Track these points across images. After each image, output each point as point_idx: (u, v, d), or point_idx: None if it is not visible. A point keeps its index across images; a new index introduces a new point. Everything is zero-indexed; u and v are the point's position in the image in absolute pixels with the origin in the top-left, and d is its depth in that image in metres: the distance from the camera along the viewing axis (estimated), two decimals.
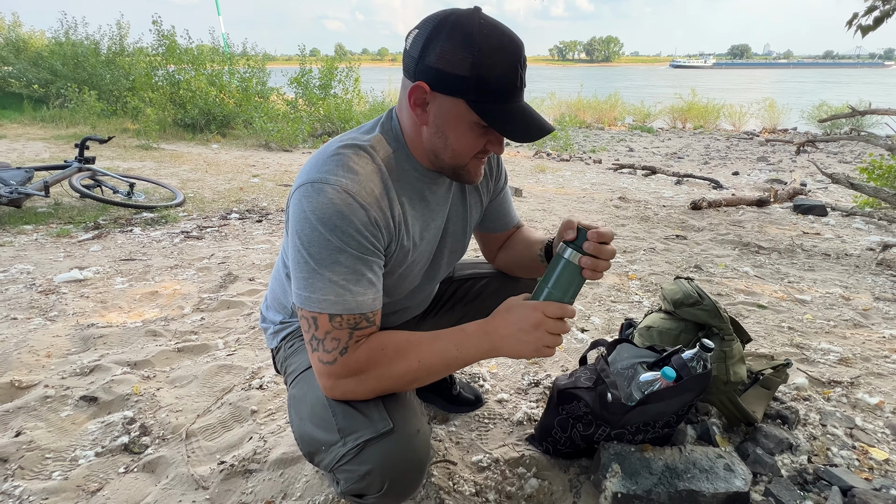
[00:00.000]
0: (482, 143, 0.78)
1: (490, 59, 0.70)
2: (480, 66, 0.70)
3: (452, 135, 0.76)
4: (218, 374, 1.55)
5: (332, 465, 0.75)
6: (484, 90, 0.71)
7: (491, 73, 0.70)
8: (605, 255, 0.74)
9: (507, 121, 0.73)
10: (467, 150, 0.78)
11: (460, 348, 0.75)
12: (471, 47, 0.69)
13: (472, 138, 0.76)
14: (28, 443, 1.21)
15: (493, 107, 0.72)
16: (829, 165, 7.27)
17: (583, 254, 0.74)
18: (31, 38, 10.91)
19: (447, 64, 0.70)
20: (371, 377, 0.74)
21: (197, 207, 3.72)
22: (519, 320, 0.73)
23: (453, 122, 0.75)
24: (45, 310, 1.98)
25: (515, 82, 0.72)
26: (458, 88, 0.71)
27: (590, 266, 0.74)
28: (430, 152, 0.80)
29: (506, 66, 0.71)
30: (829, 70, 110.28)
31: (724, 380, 1.25)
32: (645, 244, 3.13)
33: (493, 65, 0.70)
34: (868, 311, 2.19)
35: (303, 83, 8.97)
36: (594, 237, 0.74)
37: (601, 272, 0.75)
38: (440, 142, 0.78)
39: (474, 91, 0.71)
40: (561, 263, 0.76)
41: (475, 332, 0.75)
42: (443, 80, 0.72)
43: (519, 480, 1.14)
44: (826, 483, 1.12)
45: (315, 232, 0.72)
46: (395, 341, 0.75)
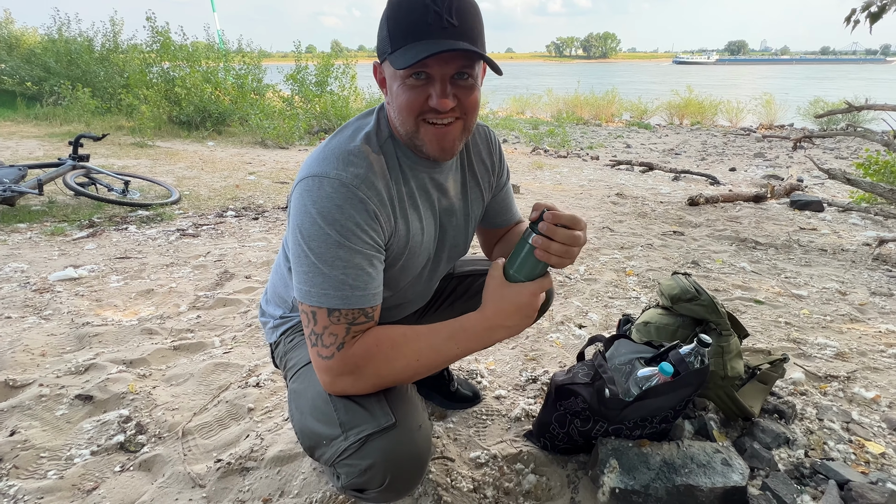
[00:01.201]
0: (421, 98, 0.72)
1: (398, 6, 0.70)
2: (390, 17, 0.71)
3: (393, 97, 0.75)
4: (214, 372, 1.54)
5: (333, 459, 0.75)
6: (395, 38, 0.70)
7: (398, 17, 0.70)
8: (557, 237, 0.71)
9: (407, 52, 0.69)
10: (407, 108, 0.74)
11: (461, 346, 0.75)
12: (386, 7, 0.71)
13: (406, 92, 0.72)
14: (23, 442, 1.20)
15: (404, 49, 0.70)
16: (825, 161, 7.29)
17: (537, 234, 0.73)
18: (24, 35, 10.81)
19: (378, 33, 0.73)
20: (369, 373, 0.74)
21: (193, 205, 3.70)
22: (523, 308, 0.73)
23: (392, 84, 0.75)
24: (40, 308, 1.96)
25: (426, 18, 0.68)
26: (384, 50, 0.73)
27: (540, 245, 0.71)
28: (396, 130, 0.80)
29: (412, 7, 0.69)
30: (832, 66, 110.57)
31: (721, 375, 1.25)
32: (642, 240, 3.13)
33: (400, 9, 0.70)
34: (864, 305, 2.19)
35: (299, 80, 8.92)
36: (549, 218, 0.72)
37: (555, 255, 0.71)
38: (394, 112, 0.77)
39: (389, 42, 0.71)
40: (521, 244, 0.75)
41: (477, 329, 0.75)
42: (379, 49, 0.74)
43: (517, 476, 1.14)
44: (823, 477, 1.12)
45: (315, 226, 0.71)
46: (392, 336, 0.75)
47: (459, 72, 0.72)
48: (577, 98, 14.72)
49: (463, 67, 0.71)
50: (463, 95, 0.73)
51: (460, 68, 0.71)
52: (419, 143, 0.77)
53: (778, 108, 13.01)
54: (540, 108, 14.90)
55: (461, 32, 0.69)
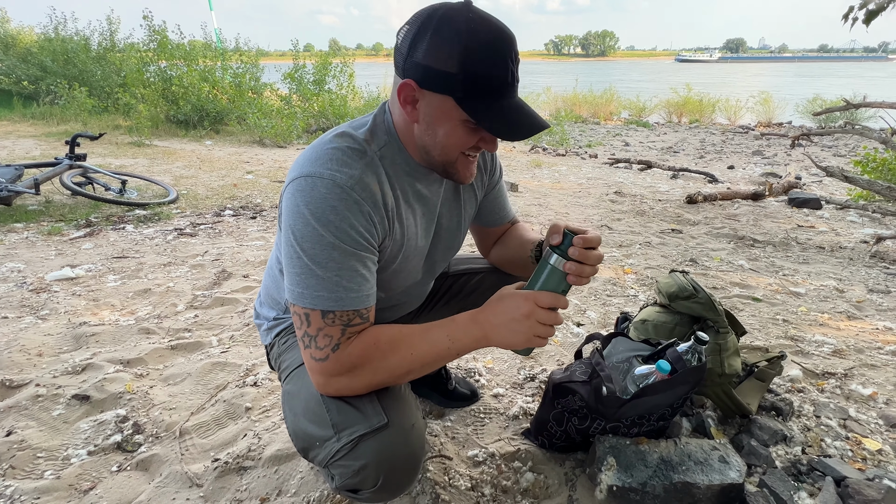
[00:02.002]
0: (473, 141, 0.76)
1: (478, 54, 0.68)
2: (468, 62, 0.68)
3: (441, 132, 0.74)
4: (212, 372, 1.54)
5: (326, 460, 0.74)
6: (472, 87, 0.69)
7: (479, 69, 0.68)
8: (590, 261, 0.72)
9: (495, 118, 0.71)
10: (456, 148, 0.76)
11: (452, 339, 0.74)
12: (458, 43, 0.67)
13: (461, 136, 0.75)
14: (19, 442, 1.20)
15: (482, 104, 0.70)
16: (823, 159, 7.30)
17: (567, 259, 0.73)
18: (20, 34, 10.76)
19: (435, 60, 0.69)
20: (364, 372, 0.73)
21: (190, 204, 3.69)
22: (510, 310, 0.73)
23: (442, 120, 0.73)
24: (37, 308, 1.96)
25: (506, 78, 0.70)
26: (445, 85, 0.70)
27: (575, 272, 0.72)
28: (421, 149, 0.79)
29: (495, 62, 0.69)
30: (834, 64, 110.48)
31: (718, 372, 1.25)
32: (641, 238, 3.14)
33: (482, 60, 0.68)
34: (862, 303, 2.20)
35: (297, 79, 8.89)
36: (580, 243, 0.72)
37: (587, 278, 0.73)
38: (430, 139, 0.76)
39: (462, 88, 0.69)
40: (546, 269, 0.75)
41: (466, 323, 0.75)
42: (431, 76, 0.70)
43: (515, 474, 1.14)
44: (820, 474, 1.13)
45: (308, 227, 0.71)
46: (386, 335, 0.75)
47: None
48: (576, 96, 14.71)
49: None
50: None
51: None
52: (452, 171, 0.81)
53: (776, 106, 13.01)
54: (538, 107, 14.87)
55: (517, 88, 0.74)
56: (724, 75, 43.68)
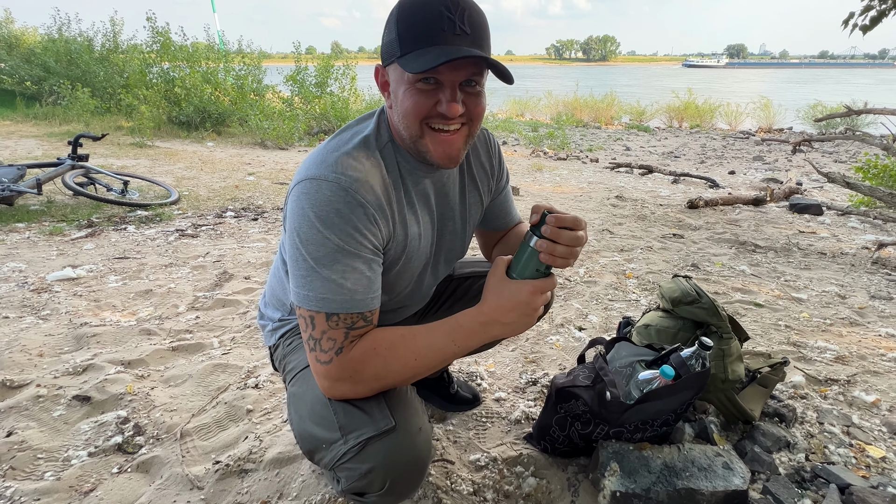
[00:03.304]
0: (429, 104, 0.72)
1: (410, 10, 0.70)
2: (401, 21, 0.70)
3: (399, 101, 0.74)
4: (213, 373, 1.54)
5: (332, 463, 0.74)
6: (406, 42, 0.69)
7: (411, 22, 0.69)
8: (562, 240, 0.70)
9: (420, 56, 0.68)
10: (413, 113, 0.73)
11: (458, 343, 0.74)
12: (397, 10, 0.71)
13: (413, 96, 0.71)
14: (20, 443, 1.19)
15: (416, 53, 0.69)
16: (824, 165, 7.31)
17: (540, 237, 0.73)
18: (24, 35, 10.80)
19: (385, 36, 0.73)
20: (368, 376, 0.73)
21: (192, 205, 3.69)
22: (520, 305, 0.72)
23: (398, 88, 0.73)
24: (38, 308, 1.95)
25: (440, 25, 0.68)
26: (392, 53, 0.72)
27: (545, 249, 0.71)
28: (398, 134, 0.79)
29: (425, 12, 0.68)
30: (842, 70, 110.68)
31: (722, 378, 1.25)
32: (642, 243, 3.14)
33: (413, 14, 0.69)
34: (864, 309, 2.20)
35: (299, 81, 8.92)
36: (552, 221, 0.71)
37: (560, 257, 0.71)
38: (396, 115, 0.76)
39: (398, 46, 0.70)
40: (524, 249, 0.75)
41: (473, 325, 0.74)
42: (384, 52, 0.74)
43: (517, 479, 1.13)
44: (824, 481, 1.12)
45: (313, 229, 0.71)
46: (389, 337, 0.74)
47: (468, 79, 0.72)
48: (577, 100, 14.76)
49: (473, 75, 0.72)
50: (471, 102, 0.74)
51: (470, 75, 0.71)
52: (423, 150, 0.76)
53: (776, 112, 13.05)
54: (539, 111, 14.92)
55: (472, 40, 0.70)
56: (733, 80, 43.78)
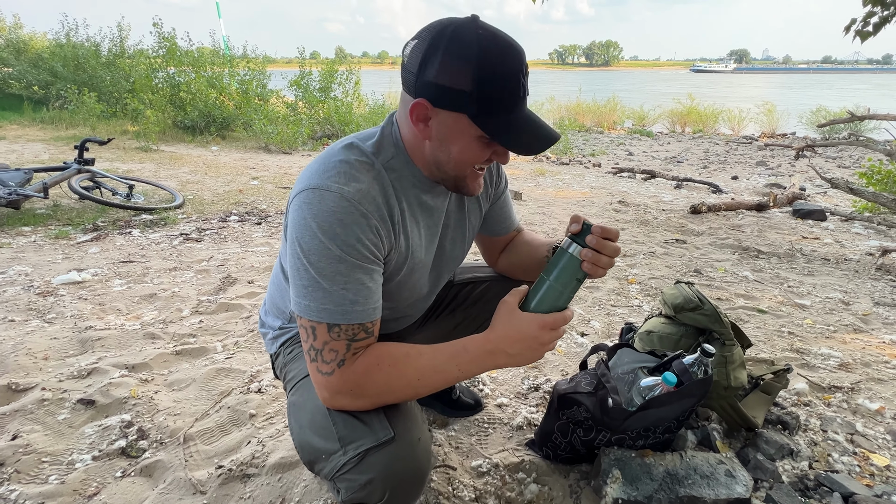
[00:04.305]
0: (486, 155, 0.77)
1: (490, 70, 0.69)
2: (481, 79, 0.69)
3: (455, 148, 0.76)
4: (216, 378, 1.54)
5: (332, 473, 0.74)
6: (485, 104, 0.70)
7: (492, 85, 0.69)
8: (606, 251, 0.73)
9: (510, 133, 0.72)
10: (470, 163, 0.78)
11: (462, 368, 0.75)
12: (470, 60, 0.68)
13: (475, 151, 0.76)
14: (25, 446, 1.20)
15: (496, 119, 0.71)
16: (827, 170, 7.29)
17: (584, 246, 0.74)
18: (32, 40, 10.92)
19: (447, 79, 0.69)
20: (369, 391, 0.73)
21: (196, 209, 3.71)
22: (525, 338, 0.73)
23: (456, 137, 0.74)
24: (43, 312, 1.97)
25: (518, 92, 0.71)
26: (459, 103, 0.71)
27: (590, 259, 0.73)
28: (432, 165, 0.80)
29: (507, 78, 0.70)
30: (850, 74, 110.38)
31: (724, 385, 1.25)
32: (645, 248, 3.13)
33: (495, 77, 0.69)
34: (868, 316, 2.19)
35: (303, 86, 8.98)
36: (598, 231, 0.73)
37: (602, 268, 0.74)
38: (444, 155, 0.78)
39: (476, 105, 0.70)
40: (563, 257, 0.76)
41: (478, 352, 0.75)
42: (444, 95, 0.71)
43: (519, 486, 1.13)
44: (827, 489, 1.12)
45: (315, 240, 0.71)
46: (393, 354, 0.74)
47: None
48: (580, 105, 14.78)
49: None
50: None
51: None
52: (463, 185, 0.82)
53: (779, 117, 13.03)
54: (542, 116, 14.90)
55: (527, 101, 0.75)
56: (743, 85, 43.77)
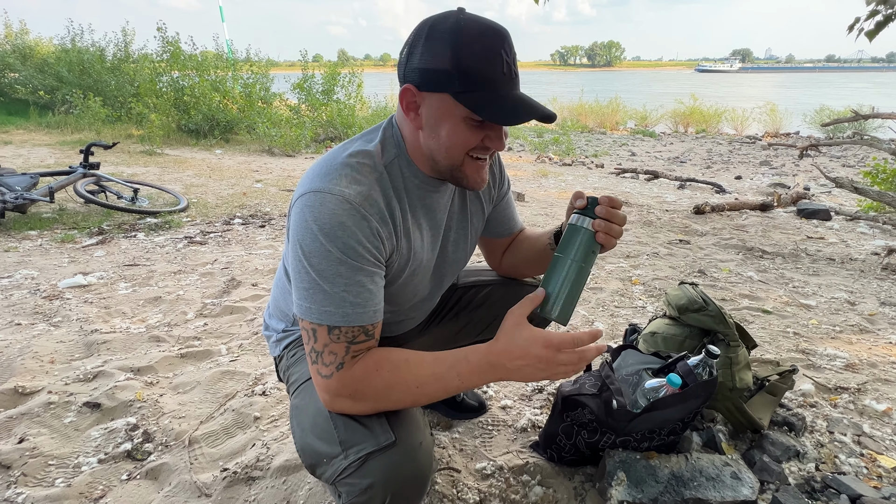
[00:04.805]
0: (478, 139, 0.75)
1: (469, 47, 0.70)
2: (460, 56, 0.70)
3: (444, 132, 0.75)
4: (221, 380, 1.55)
5: (333, 477, 0.74)
6: (467, 79, 0.70)
7: (472, 61, 0.70)
8: (617, 220, 0.75)
9: (493, 105, 0.71)
10: (461, 147, 0.76)
11: (463, 378, 0.73)
12: (449, 40, 0.70)
13: (463, 133, 0.74)
14: (31, 449, 1.21)
15: (479, 95, 0.71)
16: (832, 169, 7.25)
17: (595, 218, 0.75)
18: (38, 45, 11.02)
19: (429, 61, 0.71)
20: (368, 396, 0.73)
21: (200, 213, 3.73)
22: (526, 356, 0.70)
23: (443, 119, 0.74)
24: (49, 315, 1.98)
25: (500, 68, 0.70)
26: (441, 83, 0.71)
27: (603, 229, 0.74)
28: (428, 157, 0.80)
29: (487, 54, 0.70)
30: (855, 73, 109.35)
31: (729, 386, 1.24)
32: (648, 249, 3.13)
33: (473, 53, 0.70)
34: (874, 316, 2.17)
35: (305, 89, 9.02)
36: (605, 202, 0.74)
37: (615, 237, 0.75)
38: (434, 142, 0.77)
39: (458, 81, 0.70)
40: (578, 232, 0.75)
41: (480, 363, 0.73)
42: (427, 78, 0.72)
43: (523, 488, 1.13)
44: (834, 491, 1.11)
45: (317, 242, 0.71)
46: (394, 360, 0.74)
47: None
48: (582, 106, 14.77)
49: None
50: (504, 134, 0.79)
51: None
52: (460, 176, 0.80)
53: (783, 116, 12.98)
54: None
55: (518, 82, 0.74)
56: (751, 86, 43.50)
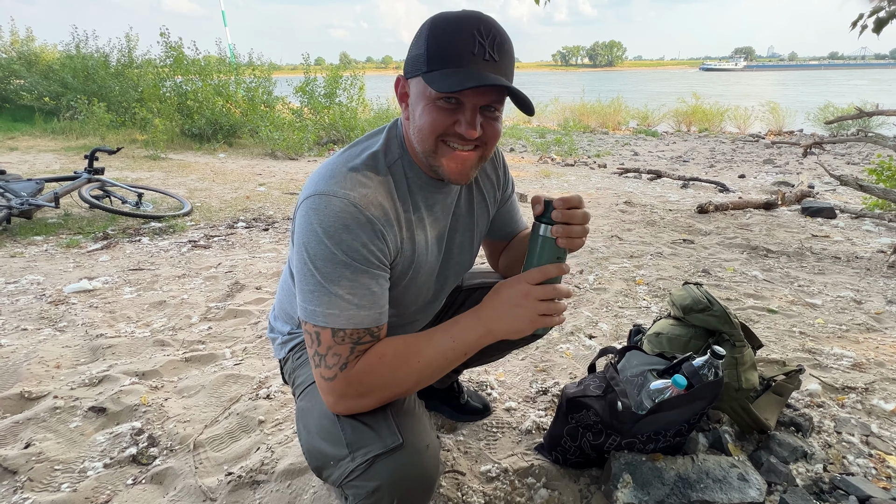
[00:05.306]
0: (448, 122, 0.73)
1: (442, 29, 0.71)
2: (432, 37, 0.71)
3: (417, 114, 0.75)
4: (225, 384, 1.55)
5: (340, 480, 0.74)
6: (434, 59, 0.70)
7: (441, 41, 0.70)
8: (575, 220, 0.72)
9: (449, 77, 0.69)
10: (431, 130, 0.73)
11: (455, 339, 0.75)
12: (428, 26, 0.72)
13: (432, 113, 0.72)
14: (37, 454, 1.22)
15: (443, 72, 0.70)
16: (836, 167, 7.21)
17: (552, 223, 0.73)
18: (43, 52, 11.11)
19: (412, 49, 0.74)
20: (374, 389, 0.73)
21: (204, 216, 3.75)
22: (507, 297, 0.73)
23: (417, 102, 0.75)
24: (55, 320, 2.00)
25: (471, 48, 0.69)
26: (416, 67, 0.73)
27: (562, 234, 0.72)
28: (412, 148, 0.80)
29: (457, 33, 0.70)
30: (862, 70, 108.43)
31: (735, 387, 1.23)
32: (652, 249, 3.11)
33: (445, 33, 0.70)
34: (880, 314, 2.15)
35: (308, 92, 9.05)
36: (560, 204, 0.72)
37: (577, 237, 0.73)
38: (413, 128, 0.77)
39: (426, 62, 0.71)
40: (537, 240, 0.75)
41: (468, 320, 0.75)
42: (408, 64, 0.75)
43: (528, 491, 1.13)
44: (843, 492, 1.10)
45: (321, 245, 0.71)
46: (393, 347, 0.75)
47: (489, 104, 0.73)
48: (584, 106, 14.74)
49: (494, 101, 0.73)
50: (488, 127, 0.75)
51: (491, 101, 0.73)
52: (435, 165, 0.77)
53: (786, 114, 12.91)
54: (546, 117, 14.93)
55: (498, 68, 0.71)
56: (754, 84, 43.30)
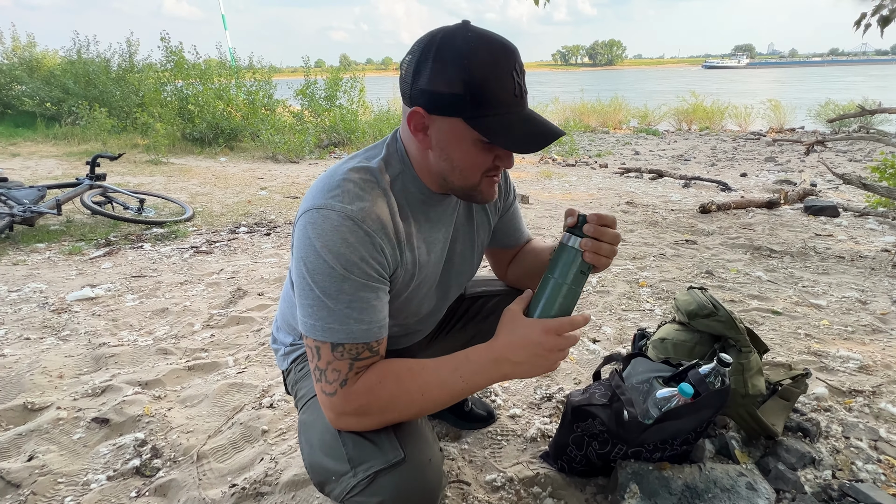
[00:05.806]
0: (490, 160, 0.75)
1: (481, 71, 0.68)
2: (472, 80, 0.68)
3: (457, 155, 0.74)
4: (228, 393, 1.55)
5: (342, 495, 0.73)
6: (479, 105, 0.69)
7: (484, 85, 0.68)
8: (606, 238, 0.73)
9: (507, 133, 0.70)
10: (475, 169, 0.76)
11: (466, 380, 0.72)
12: (460, 63, 0.67)
13: (476, 156, 0.74)
14: (41, 467, 1.21)
15: (492, 120, 0.70)
16: (838, 165, 7.18)
17: (583, 237, 0.73)
18: (45, 58, 11.14)
19: (439, 84, 0.69)
20: (373, 410, 0.72)
21: (206, 221, 3.75)
22: (529, 344, 0.71)
23: (455, 143, 0.73)
24: (58, 329, 1.99)
25: (512, 90, 0.69)
26: (453, 107, 0.70)
27: (591, 249, 0.72)
28: (438, 176, 0.79)
29: (499, 76, 0.69)
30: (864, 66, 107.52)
31: (742, 393, 1.22)
32: (654, 250, 3.10)
33: (486, 77, 0.68)
34: (886, 315, 2.14)
35: (308, 94, 9.06)
36: (594, 220, 0.73)
37: (605, 256, 0.73)
38: (447, 164, 0.76)
39: (470, 107, 0.69)
40: (564, 251, 0.74)
41: (482, 361, 0.73)
42: (437, 101, 0.70)
43: (534, 500, 1.12)
44: (852, 500, 1.09)
45: (320, 259, 0.71)
46: (396, 371, 0.73)
47: None
48: (584, 106, 14.71)
49: None
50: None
51: None
52: (475, 194, 0.80)
53: (787, 112, 12.87)
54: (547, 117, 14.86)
55: (527, 100, 0.74)
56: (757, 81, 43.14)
